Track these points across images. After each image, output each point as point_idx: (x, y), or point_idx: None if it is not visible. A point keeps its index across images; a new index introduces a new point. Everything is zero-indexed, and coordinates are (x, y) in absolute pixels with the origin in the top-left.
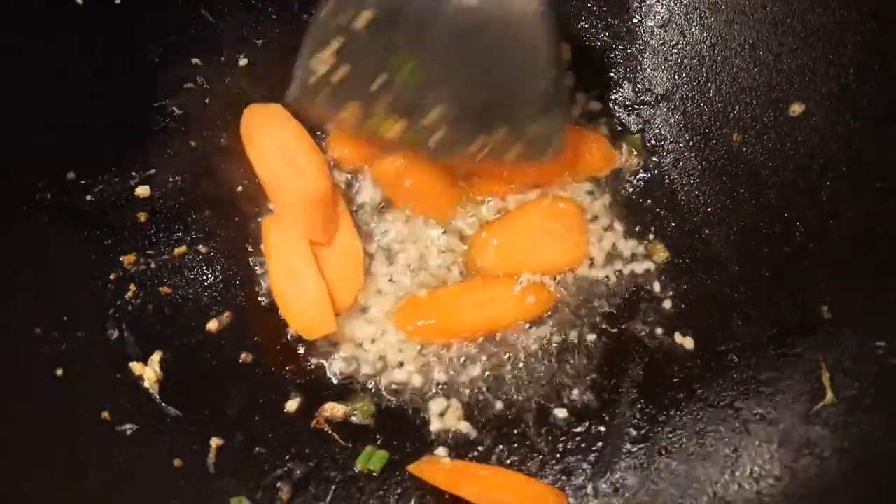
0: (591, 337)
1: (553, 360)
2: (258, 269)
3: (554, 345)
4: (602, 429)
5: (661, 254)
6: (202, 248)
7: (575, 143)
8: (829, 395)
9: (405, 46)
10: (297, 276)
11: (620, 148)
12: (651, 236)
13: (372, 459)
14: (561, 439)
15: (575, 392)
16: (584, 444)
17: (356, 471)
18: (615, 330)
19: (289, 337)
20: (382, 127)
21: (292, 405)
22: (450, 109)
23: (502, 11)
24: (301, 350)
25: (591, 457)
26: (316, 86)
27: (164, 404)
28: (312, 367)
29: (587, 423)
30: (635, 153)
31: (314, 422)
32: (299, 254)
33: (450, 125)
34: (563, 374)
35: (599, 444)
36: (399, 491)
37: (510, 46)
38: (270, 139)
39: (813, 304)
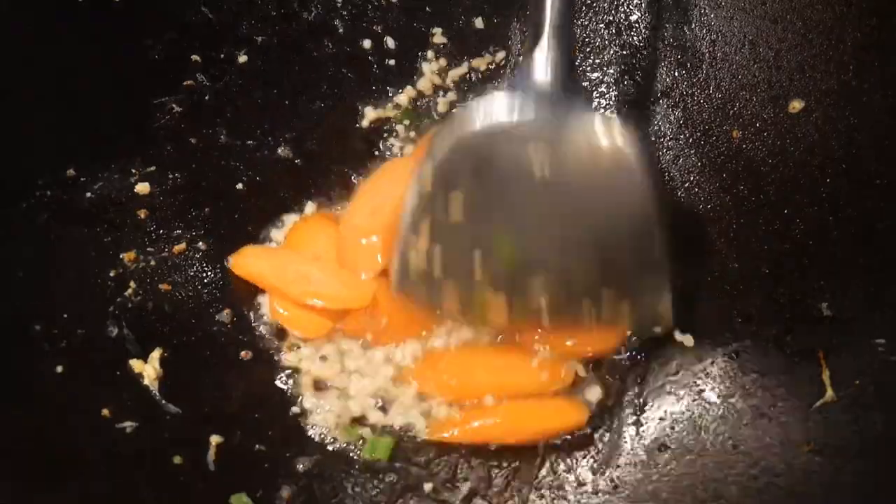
0: None
1: None
2: None
3: None
4: (602, 425)
5: None
6: (202, 246)
7: None
8: (829, 393)
9: (501, 225)
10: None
11: None
12: None
13: (378, 448)
14: (560, 437)
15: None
16: (583, 441)
17: (357, 467)
18: None
19: (288, 335)
20: (488, 306)
21: (293, 402)
22: (554, 276)
23: (600, 172)
24: (301, 347)
25: (591, 454)
26: (416, 277)
27: (163, 401)
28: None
29: (586, 420)
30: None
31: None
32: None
33: (556, 291)
34: None
35: (599, 441)
36: (402, 483)
37: (612, 205)
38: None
39: (813, 301)
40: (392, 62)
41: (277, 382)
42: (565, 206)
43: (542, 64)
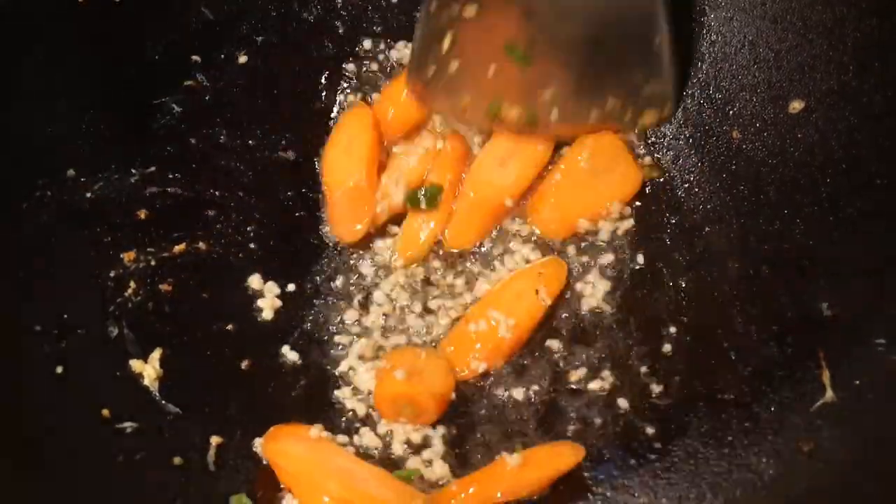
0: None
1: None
2: (257, 267)
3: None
4: (599, 428)
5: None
6: (202, 246)
7: None
8: (829, 393)
9: (514, 30)
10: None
11: None
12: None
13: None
14: (559, 439)
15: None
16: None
17: None
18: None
19: (288, 336)
20: (502, 112)
21: (293, 402)
22: (564, 86)
23: None
24: (302, 345)
25: (590, 456)
26: (432, 79)
27: (164, 402)
28: (312, 363)
29: (585, 423)
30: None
31: None
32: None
33: (565, 100)
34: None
35: (598, 443)
36: None
37: (615, 9)
38: (346, 134)
39: (813, 302)
40: (392, 62)
41: (277, 382)
42: (571, 11)
43: None
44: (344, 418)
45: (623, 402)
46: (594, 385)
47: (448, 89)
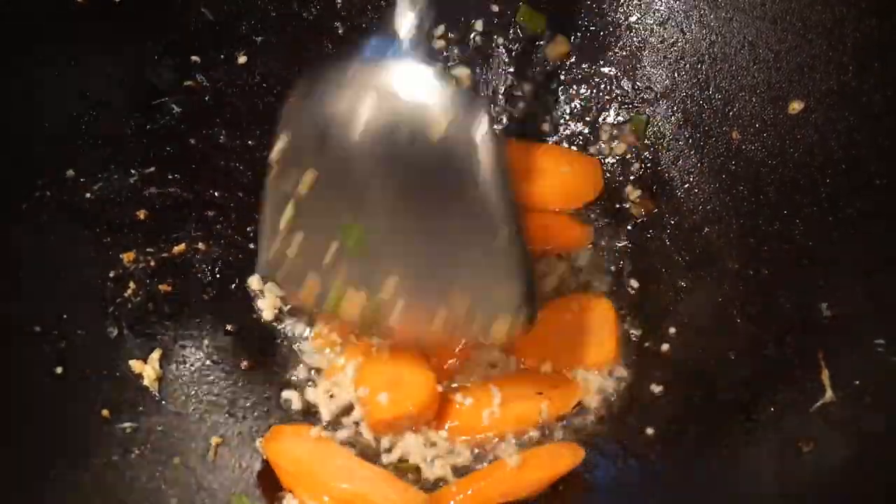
0: None
1: None
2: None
3: None
4: (599, 429)
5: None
6: (202, 246)
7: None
8: (829, 393)
9: (350, 210)
10: None
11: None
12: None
13: None
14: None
15: None
16: (580, 445)
17: None
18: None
19: (287, 337)
20: (342, 304)
21: (293, 403)
22: (404, 279)
23: (448, 155)
24: (299, 349)
25: (589, 457)
26: (276, 260)
27: (163, 402)
28: (313, 365)
29: (584, 424)
30: (637, 139)
31: None
32: None
33: (407, 298)
34: None
35: (598, 442)
36: None
37: (459, 196)
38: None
39: (812, 302)
40: None
41: (277, 382)
42: (414, 197)
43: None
44: (345, 417)
45: (622, 403)
46: (594, 385)
47: (292, 273)
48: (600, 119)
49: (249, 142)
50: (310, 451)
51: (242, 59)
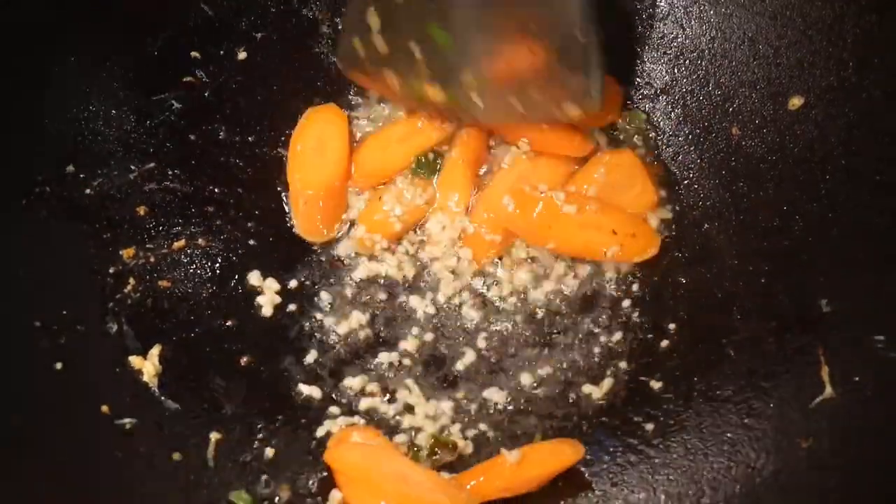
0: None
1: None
2: (257, 264)
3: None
4: (599, 423)
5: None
6: (201, 242)
7: None
8: (829, 390)
9: (438, 13)
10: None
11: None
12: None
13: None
14: (558, 434)
15: (572, 387)
16: (580, 440)
17: None
18: (612, 323)
19: (288, 332)
20: (424, 92)
21: (294, 398)
22: (484, 71)
23: None
24: (301, 341)
25: (590, 452)
26: (358, 54)
27: (163, 398)
28: (313, 361)
29: (584, 419)
30: (637, 135)
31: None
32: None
33: (486, 87)
34: (561, 368)
35: (600, 441)
36: None
37: (541, 3)
38: (316, 132)
39: (812, 298)
40: None
41: (277, 378)
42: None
43: None
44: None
45: (622, 399)
46: (594, 382)
47: (374, 66)
48: None
49: (249, 138)
50: (366, 455)
51: (242, 56)
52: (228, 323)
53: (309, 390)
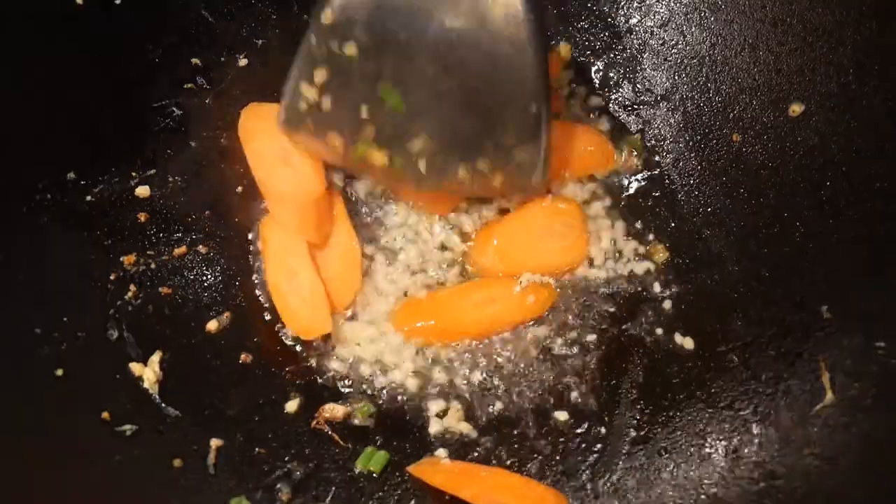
0: (591, 338)
1: (553, 362)
2: (258, 270)
3: (554, 346)
4: (602, 430)
5: (661, 254)
6: (202, 249)
7: (573, 141)
8: (829, 396)
9: (391, 75)
10: (293, 276)
11: (621, 148)
12: (651, 237)
13: (372, 460)
14: (561, 441)
15: (574, 393)
16: (583, 446)
17: (356, 471)
18: (615, 331)
19: (288, 338)
20: (368, 156)
21: (292, 406)
22: (434, 138)
23: (487, 35)
24: (300, 350)
25: (591, 458)
26: (303, 113)
27: (163, 405)
28: (312, 367)
29: (587, 425)
30: (635, 153)
31: (314, 422)
32: (296, 254)
33: (434, 154)
34: (563, 375)
35: (599, 445)
36: (399, 492)
37: (496, 72)
38: (268, 138)
39: (813, 305)
40: None
41: (277, 385)
42: (453, 68)
43: None
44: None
45: (623, 402)
46: (594, 382)
47: (319, 127)
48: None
49: None
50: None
51: (243, 62)
52: (229, 329)
53: (305, 397)
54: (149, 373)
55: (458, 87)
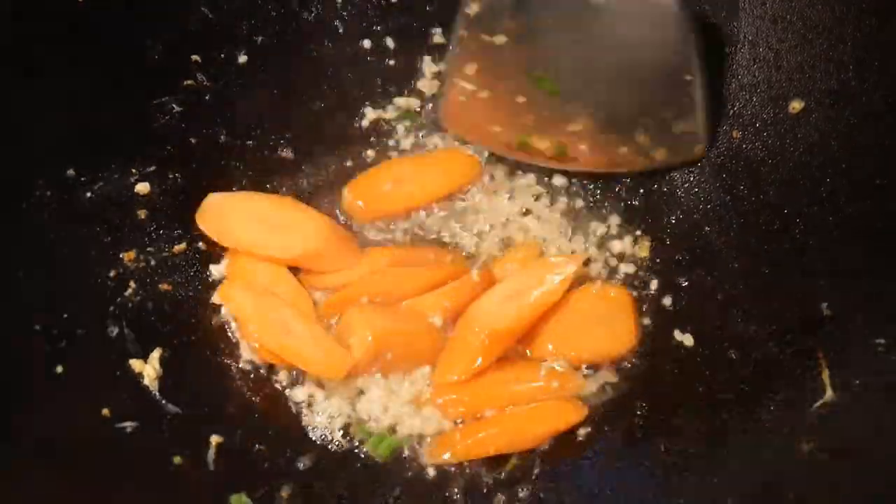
0: None
1: None
2: None
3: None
4: (603, 427)
5: (646, 250)
6: (202, 246)
7: None
8: (829, 393)
9: (543, 59)
10: (287, 330)
11: None
12: (638, 232)
13: (381, 446)
14: (560, 440)
15: None
16: (583, 445)
17: (357, 467)
18: None
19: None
20: (531, 142)
21: (292, 403)
22: (593, 118)
23: (633, 5)
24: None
25: (590, 456)
26: (463, 107)
27: (163, 401)
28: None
29: (588, 427)
30: None
31: None
32: (275, 308)
33: (594, 133)
34: None
35: (599, 444)
36: (397, 492)
37: (648, 45)
38: (238, 225)
39: (812, 301)
40: (392, 62)
41: (277, 382)
42: (605, 45)
43: None
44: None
45: (623, 402)
46: (594, 384)
47: (479, 119)
48: None
49: (249, 142)
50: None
51: (243, 59)
52: (229, 326)
53: (306, 394)
54: (149, 369)
55: (610, 63)
